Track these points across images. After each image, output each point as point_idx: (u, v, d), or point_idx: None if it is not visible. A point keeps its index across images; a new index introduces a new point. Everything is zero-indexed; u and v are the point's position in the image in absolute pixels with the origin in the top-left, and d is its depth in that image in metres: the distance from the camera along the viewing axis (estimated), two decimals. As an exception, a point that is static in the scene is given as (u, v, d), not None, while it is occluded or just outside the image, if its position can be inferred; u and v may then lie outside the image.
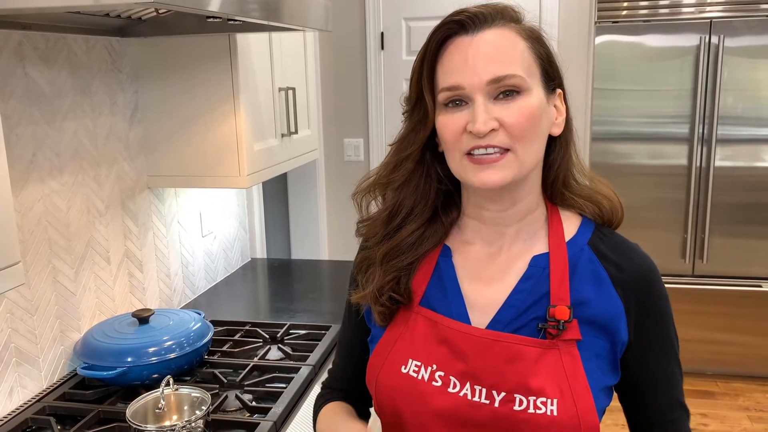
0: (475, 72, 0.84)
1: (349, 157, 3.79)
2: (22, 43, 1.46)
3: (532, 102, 0.85)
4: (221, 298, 2.26)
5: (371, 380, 0.96)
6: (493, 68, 0.84)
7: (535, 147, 0.87)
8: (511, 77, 0.84)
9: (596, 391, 0.86)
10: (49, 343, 1.56)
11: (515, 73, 0.84)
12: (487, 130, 0.83)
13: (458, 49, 0.86)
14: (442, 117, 0.88)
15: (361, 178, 1.01)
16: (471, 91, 0.84)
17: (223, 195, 2.44)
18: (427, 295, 0.95)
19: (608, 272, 0.90)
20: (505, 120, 0.84)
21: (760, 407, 3.23)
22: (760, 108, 3.21)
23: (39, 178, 1.51)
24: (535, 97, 0.86)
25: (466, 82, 0.84)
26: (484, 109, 0.83)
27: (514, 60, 0.85)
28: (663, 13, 3.22)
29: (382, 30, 3.59)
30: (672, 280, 3.41)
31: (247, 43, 1.85)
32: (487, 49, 0.85)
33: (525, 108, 0.85)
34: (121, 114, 1.81)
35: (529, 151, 0.86)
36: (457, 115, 0.86)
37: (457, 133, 0.86)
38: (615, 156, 3.40)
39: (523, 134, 0.85)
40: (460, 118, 0.86)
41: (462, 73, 0.85)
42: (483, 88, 0.84)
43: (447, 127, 0.87)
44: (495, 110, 0.84)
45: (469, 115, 0.85)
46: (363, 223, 1.03)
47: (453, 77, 0.85)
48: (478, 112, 0.83)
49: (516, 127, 0.84)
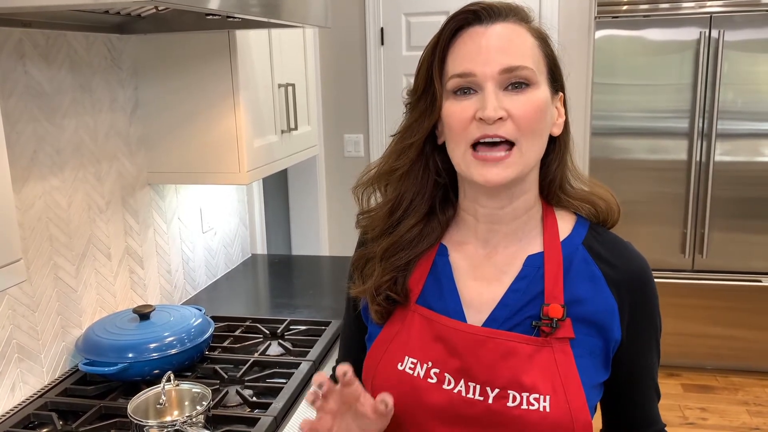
0: (487, 60, 0.85)
1: (349, 153, 3.79)
2: (22, 41, 1.46)
3: (540, 96, 0.86)
4: (222, 294, 2.27)
5: (368, 377, 0.96)
6: (505, 58, 0.85)
7: (538, 143, 0.88)
8: (522, 68, 0.85)
9: (588, 388, 0.87)
10: (50, 339, 1.57)
11: (527, 65, 0.85)
12: (497, 116, 0.83)
13: (471, 38, 0.87)
14: (450, 105, 0.88)
15: (362, 172, 1.02)
16: (482, 78, 0.85)
17: (224, 191, 2.45)
18: (423, 294, 0.96)
19: (602, 271, 0.91)
20: (513, 111, 0.84)
21: (759, 401, 3.23)
22: (760, 102, 3.21)
23: (40, 175, 1.52)
24: (542, 91, 0.87)
25: (478, 69, 0.85)
26: (494, 97, 0.84)
27: (525, 53, 0.86)
28: (663, 7, 3.22)
29: (382, 25, 3.59)
30: (671, 274, 3.42)
31: (247, 39, 1.85)
32: (500, 39, 0.86)
33: (533, 101, 0.85)
34: (121, 111, 1.81)
35: (533, 146, 0.87)
36: (465, 103, 0.86)
37: (465, 120, 0.86)
38: (615, 151, 3.40)
39: (530, 126, 0.85)
40: (469, 106, 0.86)
41: (474, 60, 0.85)
42: (494, 76, 0.85)
43: (455, 114, 0.87)
44: (504, 100, 0.85)
45: (479, 102, 0.85)
46: (363, 215, 1.03)
47: (464, 64, 0.86)
48: (488, 99, 0.84)
49: (524, 118, 0.85)
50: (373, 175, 1.00)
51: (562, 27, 3.43)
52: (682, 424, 3.06)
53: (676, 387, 3.38)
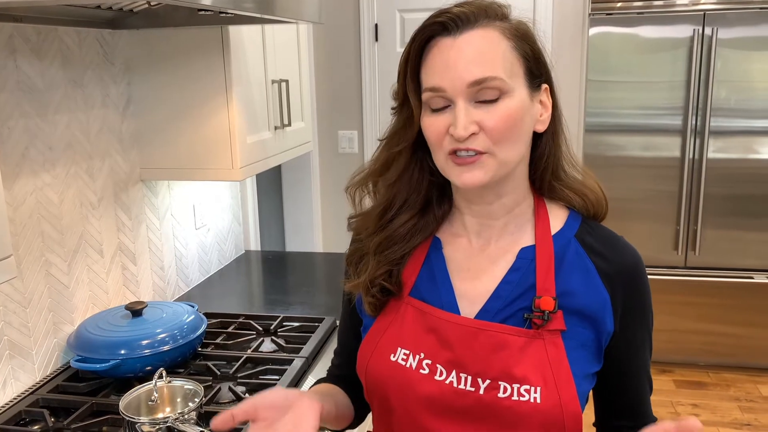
0: (456, 74, 0.84)
1: (343, 149, 3.78)
2: (13, 36, 1.45)
3: (512, 104, 0.85)
4: (215, 291, 2.26)
5: (361, 368, 0.98)
6: (474, 70, 0.84)
7: (514, 148, 0.88)
8: (491, 79, 0.84)
9: (579, 380, 0.88)
10: (42, 335, 1.56)
11: (496, 75, 0.84)
12: (467, 134, 0.84)
13: (440, 51, 0.86)
14: (426, 118, 0.89)
15: (354, 172, 1.02)
16: (452, 93, 0.85)
17: (217, 187, 2.44)
18: (417, 286, 0.97)
19: (595, 264, 0.92)
20: (485, 124, 0.85)
21: (750, 397, 3.25)
22: (753, 100, 3.22)
23: (31, 171, 1.51)
24: (516, 98, 0.86)
25: (447, 84, 0.85)
26: (465, 114, 0.84)
27: (495, 62, 0.85)
28: (657, 5, 3.22)
29: (376, 22, 3.59)
30: (664, 271, 3.43)
31: (240, 35, 1.84)
32: (468, 51, 0.85)
33: (505, 111, 0.85)
34: (113, 106, 1.80)
35: (509, 152, 0.87)
36: (439, 117, 0.87)
37: (440, 134, 0.87)
38: (608, 148, 3.41)
39: (503, 137, 0.85)
40: (443, 120, 0.86)
41: (443, 75, 0.85)
42: (464, 90, 0.84)
43: (430, 128, 0.88)
44: (476, 113, 0.85)
45: (451, 117, 0.85)
46: (355, 218, 1.04)
47: (434, 79, 0.86)
48: (458, 117, 0.84)
49: (495, 131, 0.85)
50: (364, 176, 1.01)
51: (557, 24, 3.43)
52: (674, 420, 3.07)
53: (668, 383, 3.40)
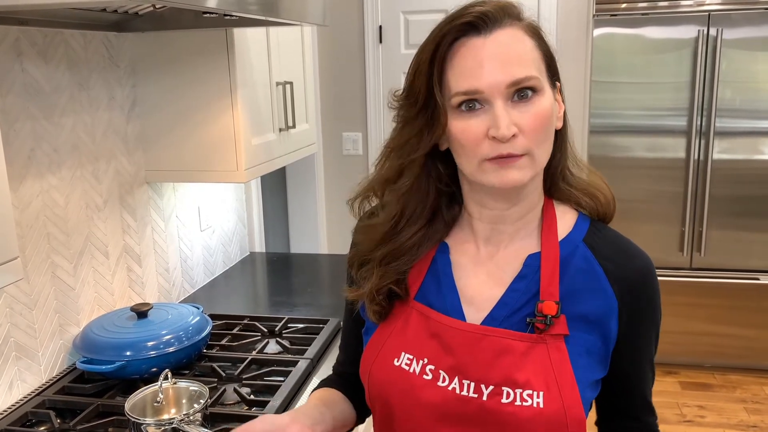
0: (492, 75, 0.82)
1: (347, 151, 3.79)
2: (20, 39, 1.46)
3: (545, 103, 0.85)
4: (220, 292, 2.27)
5: (364, 372, 0.97)
6: (511, 71, 0.82)
7: (547, 146, 0.87)
8: (528, 79, 0.83)
9: (583, 385, 0.87)
10: (48, 337, 1.57)
11: (532, 74, 0.83)
12: (510, 134, 0.81)
13: (471, 52, 0.83)
14: (457, 122, 0.85)
15: (359, 183, 1.00)
16: (490, 95, 0.82)
17: (222, 189, 2.44)
18: (422, 290, 0.96)
19: (604, 268, 0.90)
20: (522, 125, 0.83)
21: (756, 399, 3.24)
22: (758, 100, 3.21)
23: (37, 173, 1.52)
24: (547, 97, 0.85)
25: (484, 85, 0.82)
26: (505, 113, 0.82)
27: (527, 61, 0.84)
28: (662, 5, 3.22)
29: (381, 24, 3.59)
30: (670, 273, 3.42)
31: (245, 37, 1.85)
32: (501, 50, 0.83)
33: (540, 112, 0.84)
34: (119, 109, 1.81)
35: (544, 152, 0.87)
36: (475, 121, 0.84)
37: (477, 138, 0.83)
38: (613, 149, 3.40)
39: (539, 137, 0.84)
40: (480, 124, 0.83)
41: (478, 77, 0.82)
42: (502, 91, 0.82)
43: (465, 132, 0.84)
44: (513, 114, 0.83)
45: (489, 119, 0.83)
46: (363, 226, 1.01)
47: (469, 81, 0.83)
48: (500, 117, 0.81)
49: (533, 131, 0.83)
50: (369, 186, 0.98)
51: (561, 25, 3.43)
52: (680, 422, 3.07)
53: (674, 385, 3.38)
